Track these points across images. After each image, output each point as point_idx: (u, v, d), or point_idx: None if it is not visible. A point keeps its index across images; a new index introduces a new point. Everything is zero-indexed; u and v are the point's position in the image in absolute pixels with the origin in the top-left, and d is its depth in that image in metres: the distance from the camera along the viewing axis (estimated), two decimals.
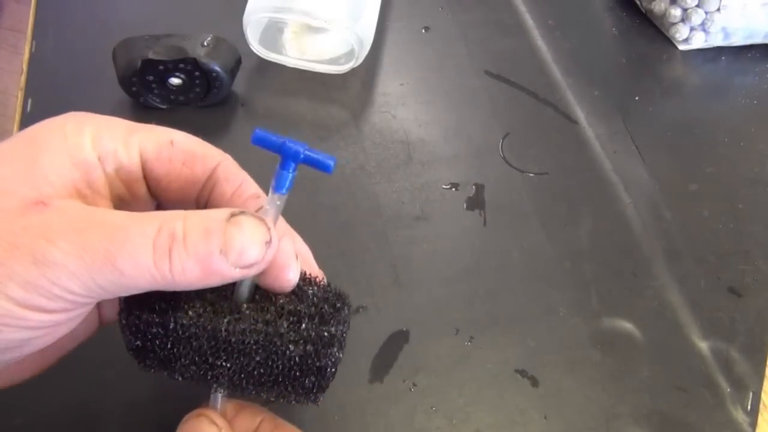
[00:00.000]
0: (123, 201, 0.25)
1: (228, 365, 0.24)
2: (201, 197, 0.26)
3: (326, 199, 0.42)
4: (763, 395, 0.36)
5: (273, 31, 0.49)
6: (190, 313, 0.23)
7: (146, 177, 0.25)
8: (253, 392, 0.25)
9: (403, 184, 0.43)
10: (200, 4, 0.53)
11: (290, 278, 0.25)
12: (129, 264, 0.20)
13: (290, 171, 0.22)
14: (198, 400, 0.27)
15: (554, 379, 0.36)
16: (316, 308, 0.24)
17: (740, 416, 0.35)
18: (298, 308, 0.24)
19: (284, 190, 0.23)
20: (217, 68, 0.42)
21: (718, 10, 0.52)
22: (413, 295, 0.38)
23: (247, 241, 0.21)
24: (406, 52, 0.52)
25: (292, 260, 0.24)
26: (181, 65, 0.41)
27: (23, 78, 0.46)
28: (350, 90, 0.49)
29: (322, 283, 0.25)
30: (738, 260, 0.42)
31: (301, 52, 0.49)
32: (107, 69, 0.43)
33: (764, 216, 0.44)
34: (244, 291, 0.24)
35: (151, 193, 0.26)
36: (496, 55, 0.52)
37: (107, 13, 0.51)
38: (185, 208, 0.26)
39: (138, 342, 0.24)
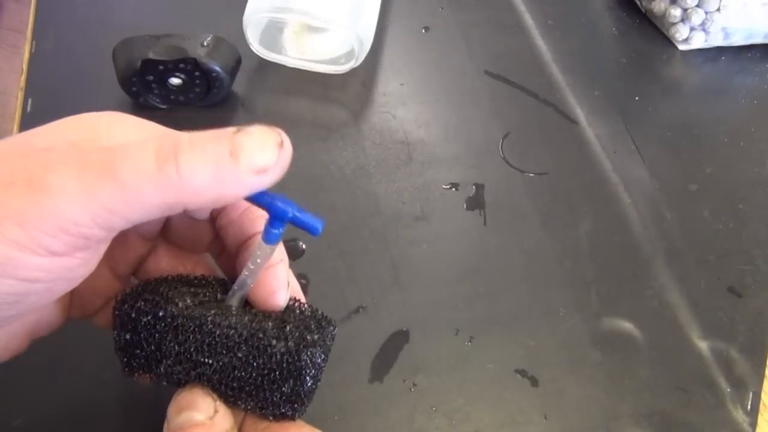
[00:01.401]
0: None
1: (210, 362, 0.24)
2: (214, 211, 0.26)
3: (326, 199, 0.42)
4: (763, 395, 0.36)
5: (273, 31, 0.49)
6: (180, 305, 0.24)
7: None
8: (232, 398, 0.25)
9: (403, 184, 0.43)
10: (200, 4, 0.53)
11: (279, 302, 0.25)
12: (130, 172, 0.18)
13: (278, 229, 0.23)
14: None
15: (554, 379, 0.36)
16: (302, 321, 0.25)
17: (740, 416, 0.35)
18: (284, 317, 0.25)
19: (273, 243, 0.23)
20: (217, 68, 0.42)
21: (718, 10, 0.51)
22: (413, 295, 0.38)
23: (258, 142, 0.19)
24: (406, 52, 0.52)
25: (283, 286, 0.25)
26: (181, 65, 0.41)
27: (23, 78, 0.46)
28: (350, 90, 0.49)
29: (309, 306, 0.27)
30: (738, 260, 0.42)
31: (301, 52, 0.49)
32: (107, 69, 0.43)
33: (764, 216, 0.44)
34: (235, 301, 0.25)
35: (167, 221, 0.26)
36: (496, 55, 0.52)
37: (107, 13, 0.51)
38: (199, 222, 0.26)
39: (127, 335, 0.24)
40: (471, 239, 0.41)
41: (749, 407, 0.36)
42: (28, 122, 0.43)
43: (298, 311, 0.26)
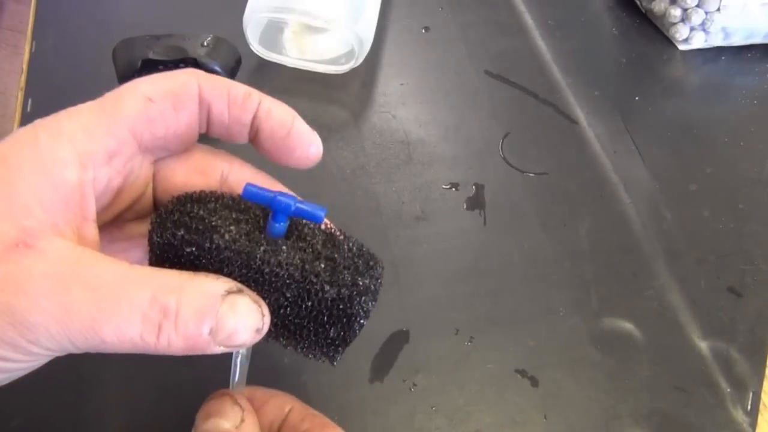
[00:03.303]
0: (120, 193, 0.24)
1: None
2: (201, 120, 0.25)
3: (326, 199, 0.42)
4: (763, 395, 0.36)
5: (273, 31, 0.49)
6: (226, 236, 0.23)
7: (149, 148, 0.24)
8: (274, 334, 0.24)
9: (403, 184, 0.43)
10: (200, 4, 0.52)
11: (312, 153, 0.26)
12: (114, 335, 0.19)
13: (282, 222, 0.23)
14: (198, 401, 0.27)
15: (554, 379, 0.36)
16: (351, 260, 0.24)
17: (740, 416, 0.35)
18: (335, 255, 0.24)
19: (281, 236, 0.24)
20: (217, 68, 0.42)
21: (718, 10, 0.51)
22: (413, 295, 0.38)
23: (240, 326, 0.20)
24: (406, 52, 0.52)
25: (313, 136, 0.26)
26: (181, 65, 0.41)
27: (23, 78, 0.46)
28: (350, 90, 0.49)
29: (356, 241, 0.25)
30: (738, 260, 0.42)
31: (301, 52, 0.49)
32: (107, 69, 0.43)
33: (764, 216, 0.44)
34: (279, 228, 0.24)
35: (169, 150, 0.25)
36: (496, 55, 0.52)
37: (107, 13, 0.51)
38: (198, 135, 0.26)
39: (166, 265, 0.23)
40: (471, 239, 0.41)
41: (749, 407, 0.36)
42: (28, 122, 0.43)
43: (346, 247, 0.25)
